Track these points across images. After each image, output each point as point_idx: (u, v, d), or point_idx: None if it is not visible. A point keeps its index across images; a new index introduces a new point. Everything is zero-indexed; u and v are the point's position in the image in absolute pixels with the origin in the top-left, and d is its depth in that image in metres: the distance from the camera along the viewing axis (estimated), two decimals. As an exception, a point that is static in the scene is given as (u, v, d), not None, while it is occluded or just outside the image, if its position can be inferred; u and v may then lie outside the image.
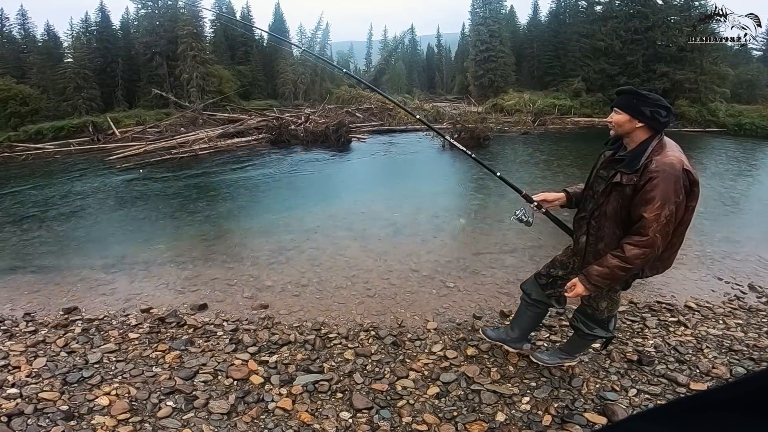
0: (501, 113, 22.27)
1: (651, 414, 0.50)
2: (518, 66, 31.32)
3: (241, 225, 7.27)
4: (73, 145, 20.40)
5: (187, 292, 4.53)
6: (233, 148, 16.47)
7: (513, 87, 28.18)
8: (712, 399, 0.42)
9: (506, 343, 2.98)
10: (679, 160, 2.00)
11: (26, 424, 2.48)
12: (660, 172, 1.96)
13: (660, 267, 2.24)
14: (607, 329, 2.55)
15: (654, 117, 2.05)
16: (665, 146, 2.07)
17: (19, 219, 8.48)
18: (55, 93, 26.75)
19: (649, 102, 2.05)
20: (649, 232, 1.97)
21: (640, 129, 2.09)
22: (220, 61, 30.50)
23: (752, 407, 0.37)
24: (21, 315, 4.08)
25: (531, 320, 2.86)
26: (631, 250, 2.02)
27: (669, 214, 1.96)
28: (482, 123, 15.99)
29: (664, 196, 1.94)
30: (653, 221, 1.96)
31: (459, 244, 5.72)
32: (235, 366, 3.04)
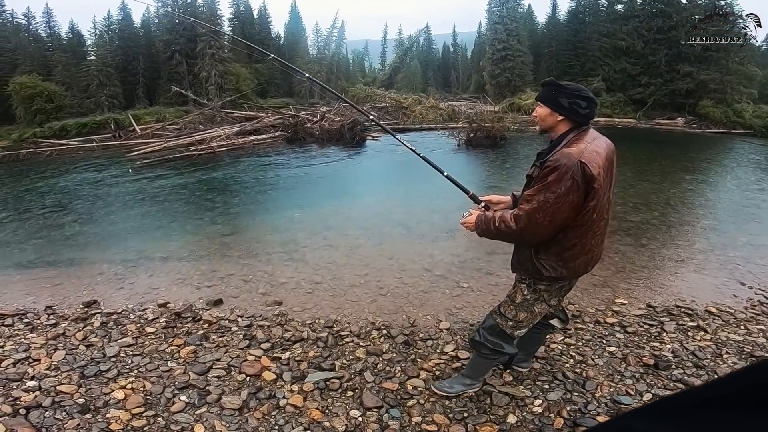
0: (518, 113, 22.03)
1: (643, 411, 0.48)
2: (536, 65, 30.95)
3: (256, 222, 7.35)
4: (95, 142, 20.92)
5: (203, 288, 4.60)
6: (250, 145, 16.66)
7: (530, 86, 27.84)
8: (704, 395, 0.42)
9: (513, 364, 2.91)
10: (579, 152, 1.86)
11: (43, 417, 2.53)
12: (553, 161, 1.88)
13: (563, 268, 2.06)
14: (513, 345, 2.34)
15: (573, 109, 1.96)
16: (581, 139, 1.95)
17: (43, 213, 8.74)
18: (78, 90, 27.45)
19: (567, 93, 1.96)
20: (521, 208, 1.94)
21: (561, 122, 2.01)
22: (237, 59, 30.87)
23: (745, 402, 0.37)
24: (43, 308, 4.19)
25: (534, 342, 2.78)
26: (505, 215, 2.00)
27: (543, 201, 1.87)
28: (499, 122, 15.81)
29: (545, 183, 1.87)
30: (524, 200, 1.94)
31: (473, 244, 5.67)
32: (248, 362, 3.06)
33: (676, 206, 7.59)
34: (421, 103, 22.75)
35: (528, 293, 2.21)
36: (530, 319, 2.26)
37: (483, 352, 2.38)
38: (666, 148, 15.67)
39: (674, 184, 9.31)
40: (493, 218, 2.05)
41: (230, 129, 19.08)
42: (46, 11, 31.78)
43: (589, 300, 4.04)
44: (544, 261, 2.07)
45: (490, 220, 2.06)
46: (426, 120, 19.80)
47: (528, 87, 27.67)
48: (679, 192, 8.63)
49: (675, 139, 18.41)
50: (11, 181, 13.12)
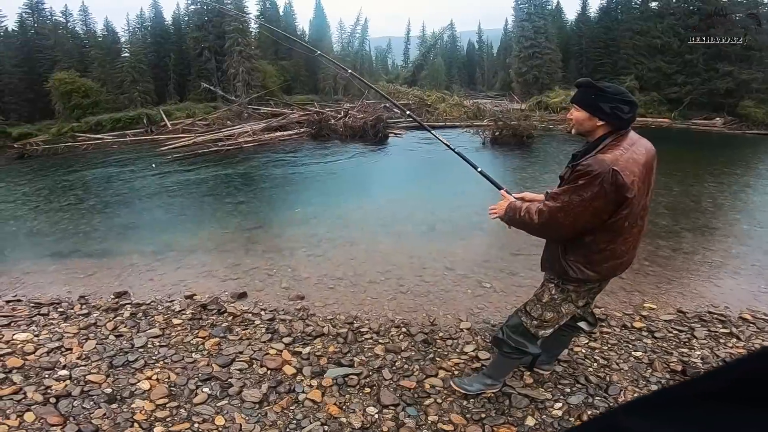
0: (546, 111, 21.56)
1: (635, 405, 0.47)
2: (565, 63, 30.28)
3: (281, 216, 7.47)
4: (128, 136, 21.66)
5: (229, 280, 4.70)
6: (276, 141, 16.91)
7: (559, 84, 27.22)
8: (695, 388, 0.41)
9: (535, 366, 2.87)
10: (614, 159, 1.80)
11: (72, 406, 2.60)
12: (585, 166, 1.83)
13: (590, 271, 2.01)
14: (537, 345, 2.31)
15: (615, 114, 1.88)
16: (619, 144, 1.89)
17: (79, 205, 9.13)
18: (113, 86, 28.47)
19: (608, 97, 1.88)
20: (546, 204, 1.93)
21: (601, 127, 1.94)
22: (264, 57, 31.33)
23: (738, 394, 0.36)
24: (76, 297, 4.35)
25: (559, 344, 2.72)
26: (531, 207, 2.00)
27: (567, 202, 1.85)
28: (525, 120, 15.50)
29: (573, 186, 1.85)
30: (551, 197, 1.93)
31: (497, 244, 5.59)
32: (270, 355, 3.11)
33: (712, 209, 7.28)
34: (445, 101, 22.56)
35: (556, 293, 2.18)
36: (556, 319, 2.22)
37: (505, 351, 2.35)
38: (702, 149, 15.05)
39: (710, 186, 8.93)
40: (520, 207, 2.07)
41: (257, 125, 19.40)
42: (82, 9, 32.95)
43: (617, 303, 3.92)
44: (571, 262, 2.04)
45: (518, 208, 2.08)
46: (450, 117, 19.62)
47: (557, 85, 27.08)
48: (715, 195, 8.27)
49: (713, 139, 17.66)
50: (51, 174, 13.75)
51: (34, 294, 4.51)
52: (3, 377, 2.85)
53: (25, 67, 29.02)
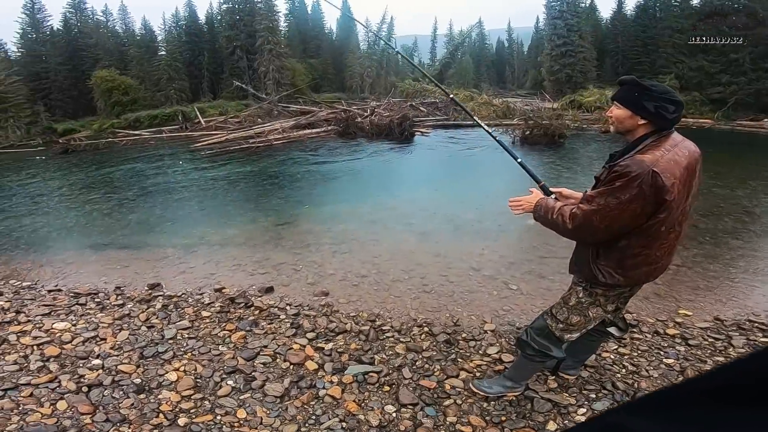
0: (579, 110, 20.95)
1: (634, 405, 0.47)
2: (600, 61, 29.37)
3: (308, 212, 7.57)
4: (165, 133, 22.46)
5: (257, 275, 4.80)
6: (304, 139, 17.15)
7: (593, 83, 26.40)
8: (695, 387, 0.41)
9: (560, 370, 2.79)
10: (654, 160, 1.72)
11: (102, 395, 2.67)
12: (622, 167, 1.76)
13: (621, 276, 1.94)
14: (561, 349, 2.25)
15: (659, 113, 1.79)
16: (660, 145, 1.80)
17: (118, 198, 9.54)
18: (150, 84, 29.52)
19: (653, 96, 1.79)
20: (580, 207, 1.86)
21: (642, 126, 1.85)
22: (293, 55, 31.77)
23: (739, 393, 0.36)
24: (113, 288, 4.53)
25: (586, 349, 2.64)
26: (564, 209, 1.92)
27: (603, 205, 1.78)
28: (558, 120, 15.10)
29: (610, 188, 1.78)
30: (586, 200, 1.87)
31: (525, 246, 5.48)
32: (293, 350, 3.15)
33: (755, 214, 6.89)
34: (473, 99, 22.26)
35: (583, 296, 2.11)
36: (583, 323, 2.15)
37: (528, 353, 2.30)
38: (748, 151, 14.27)
39: (754, 190, 8.45)
40: (553, 207, 1.98)
41: (286, 123, 19.72)
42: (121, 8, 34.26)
43: (650, 309, 3.78)
44: (602, 266, 1.97)
45: (551, 208, 1.99)
46: (479, 116, 19.36)
47: (591, 84, 26.28)
48: (760, 198, 7.83)
49: (759, 141, 16.71)
50: (92, 168, 14.41)
51: (74, 284, 4.75)
52: (41, 365, 2.99)
53: (69, 65, 30.48)
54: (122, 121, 25.62)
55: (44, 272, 5.30)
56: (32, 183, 12.75)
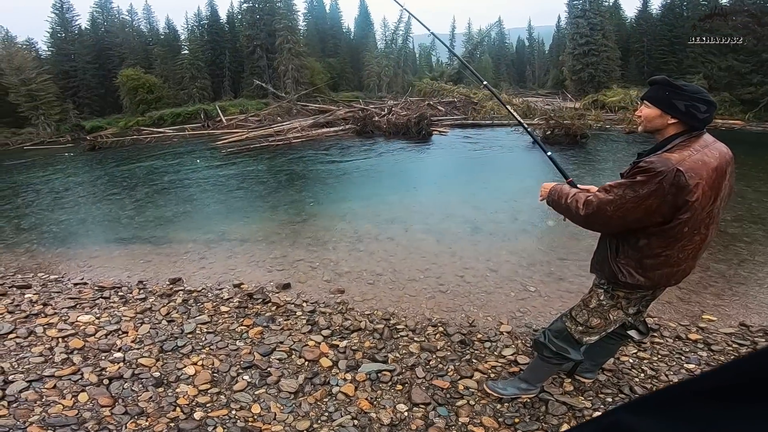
0: (602, 110, 20.52)
1: (635, 404, 0.49)
2: (624, 61, 28.74)
3: (325, 210, 7.62)
4: (187, 130, 22.93)
5: (275, 271, 4.87)
6: (322, 137, 17.28)
7: (617, 83, 25.83)
8: (694, 387, 0.42)
9: (576, 373, 2.74)
10: (680, 159, 1.69)
11: (122, 388, 2.72)
12: (647, 163, 1.73)
13: (641, 276, 1.90)
14: (579, 351, 2.22)
15: (690, 113, 1.74)
16: (690, 145, 1.75)
17: (142, 193, 9.79)
18: (174, 82, 30.18)
19: (684, 95, 1.74)
20: (596, 195, 1.84)
21: (672, 126, 1.81)
22: (312, 54, 32.01)
23: (739, 392, 0.37)
24: (135, 282, 4.65)
25: (605, 352, 2.58)
26: (580, 196, 1.91)
27: (620, 196, 1.75)
28: (579, 119, 14.82)
29: (630, 181, 1.75)
30: (603, 189, 1.84)
31: (544, 248, 5.40)
32: (309, 347, 3.17)
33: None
34: (493, 99, 22.03)
35: (604, 299, 2.07)
36: (603, 326, 2.11)
37: (545, 355, 2.27)
38: (779, 153, 13.72)
39: (787, 193, 8.12)
40: (568, 193, 1.97)
41: (305, 121, 19.90)
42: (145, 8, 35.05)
43: (672, 314, 3.68)
44: (622, 265, 1.93)
45: (564, 194, 1.98)
46: (498, 115, 19.14)
47: (615, 83, 25.72)
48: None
49: (791, 142, 16.06)
50: (118, 164, 14.83)
51: (99, 277, 4.89)
52: (65, 358, 3.07)
53: (96, 63, 31.40)
54: (147, 119, 26.28)
55: (71, 265, 5.47)
56: (61, 178, 13.20)
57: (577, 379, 2.68)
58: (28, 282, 4.74)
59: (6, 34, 28.52)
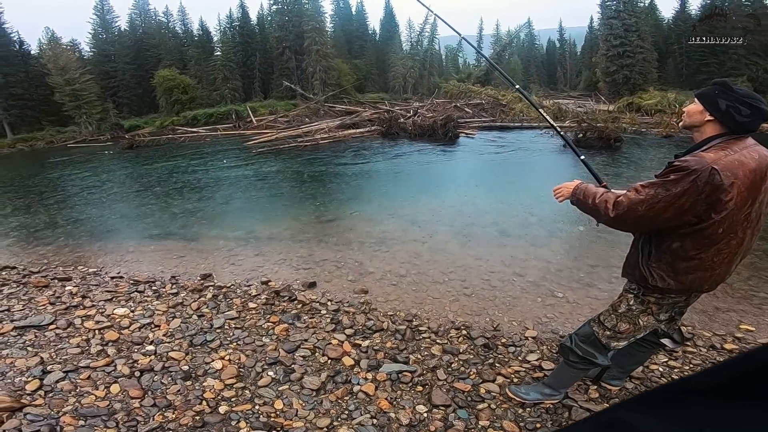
0: (637, 113, 19.84)
1: (635, 402, 0.49)
2: (661, 62, 27.73)
3: (351, 211, 7.69)
4: (219, 130, 23.59)
5: (301, 270, 4.95)
6: (349, 138, 17.44)
7: (654, 85, 24.94)
8: (694, 384, 0.42)
9: (603, 380, 2.66)
10: (716, 158, 1.63)
11: (152, 380, 2.79)
12: (681, 161, 1.68)
13: (672, 280, 1.84)
14: (606, 357, 2.16)
15: (728, 113, 1.68)
16: (728, 147, 1.68)
17: (176, 191, 10.14)
18: (207, 83, 31.05)
19: (731, 96, 1.69)
20: (626, 195, 1.79)
21: (710, 124, 1.76)
22: (339, 55, 32.31)
23: (735, 391, 0.37)
24: (168, 277, 4.82)
25: (634, 360, 2.49)
26: (608, 196, 1.86)
27: (651, 195, 1.71)
28: (613, 123, 14.37)
29: (663, 180, 1.70)
30: (634, 189, 1.78)
31: (574, 253, 5.27)
32: (332, 345, 3.21)
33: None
34: (522, 101, 21.66)
35: (634, 304, 2.02)
36: (632, 331, 2.06)
37: (571, 360, 2.23)
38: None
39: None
40: (595, 193, 1.92)
41: (332, 122, 20.12)
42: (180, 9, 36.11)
43: (707, 323, 3.52)
44: (653, 268, 1.88)
45: (592, 194, 1.93)
46: (527, 118, 18.82)
47: (651, 86, 24.83)
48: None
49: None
50: (154, 162, 15.41)
51: (134, 272, 5.09)
52: (100, 349, 3.19)
53: (135, 64, 32.65)
54: (181, 119, 27.15)
55: (108, 259, 5.73)
56: (100, 175, 13.83)
57: (603, 386, 2.61)
58: (69, 274, 4.99)
59: (52, 35, 30.07)
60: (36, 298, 4.18)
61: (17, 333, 3.44)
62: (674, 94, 21.25)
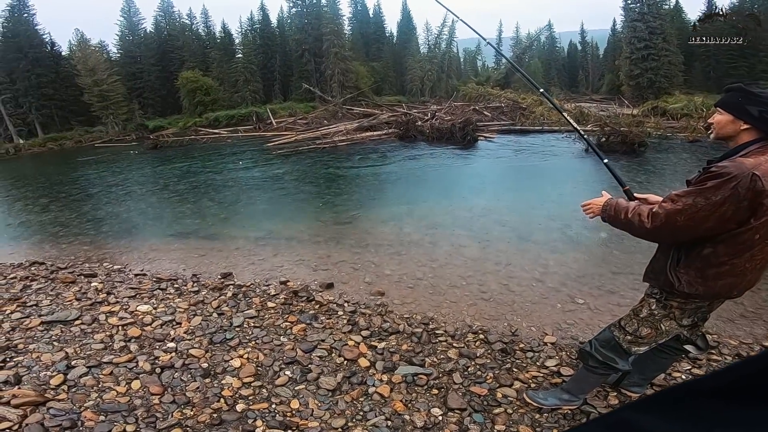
0: (662, 117, 19.34)
1: (642, 403, 0.48)
2: (687, 65, 27.00)
3: (368, 213, 7.72)
4: (240, 132, 23.97)
5: (319, 270, 4.99)
6: (366, 140, 17.50)
7: (680, 88, 24.32)
8: (701, 386, 0.42)
9: (623, 386, 2.60)
10: (756, 164, 1.58)
11: (172, 377, 2.82)
12: (719, 167, 1.62)
13: (701, 286, 1.79)
14: (627, 362, 2.12)
15: (763, 118, 1.63)
16: (767, 151, 1.62)
17: (198, 191, 10.35)
18: (228, 85, 31.57)
19: (759, 100, 1.64)
20: (662, 206, 1.73)
21: (745, 132, 1.70)
22: (356, 58, 32.44)
23: (740, 393, 0.37)
24: (190, 275, 4.91)
25: (656, 366, 2.43)
26: (642, 209, 1.79)
27: (690, 205, 1.65)
28: (637, 127, 14.03)
29: (700, 187, 1.64)
30: (669, 199, 1.73)
31: (596, 260, 5.17)
32: (348, 346, 3.22)
33: None
34: (542, 104, 21.38)
35: (656, 308, 1.98)
36: (653, 336, 2.02)
37: (590, 365, 2.19)
38: None
39: None
40: (627, 207, 1.86)
41: (350, 124, 20.23)
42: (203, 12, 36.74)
43: (733, 331, 3.41)
44: (681, 274, 1.83)
45: (623, 208, 1.88)
46: (548, 121, 18.56)
47: (677, 89, 24.21)
48: None
49: None
50: (177, 162, 15.77)
51: (157, 269, 5.21)
52: (123, 345, 3.25)
53: (159, 66, 33.41)
54: (203, 120, 27.69)
55: (132, 257, 5.88)
56: (125, 174, 14.21)
57: (623, 393, 2.56)
58: (95, 271, 5.13)
59: (81, 36, 31.04)
60: (63, 293, 4.31)
61: (44, 328, 3.54)
62: (701, 98, 20.63)
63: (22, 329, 3.51)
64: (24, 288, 4.53)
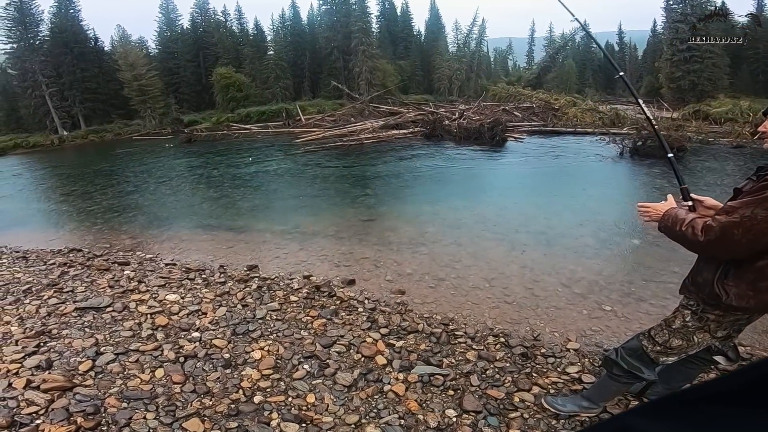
0: (705, 121, 18.47)
1: (645, 409, 0.48)
2: (733, 68, 25.67)
3: (392, 211, 7.71)
4: (270, 128, 24.44)
5: (341, 267, 5.03)
6: (392, 139, 17.48)
7: (725, 92, 23.15)
8: (705, 392, 0.42)
9: (647, 396, 2.49)
10: None
11: (194, 367, 2.85)
12: None
13: (753, 299, 1.68)
14: (653, 371, 2.03)
15: None
16: None
17: (229, 184, 10.62)
18: (260, 81, 32.17)
19: None
20: (716, 219, 1.62)
21: None
22: (384, 56, 32.41)
23: (750, 398, 0.37)
24: (217, 266, 5.03)
25: (683, 377, 2.32)
26: (696, 222, 1.68)
27: (748, 216, 1.53)
28: (677, 131, 13.45)
29: (758, 197, 1.54)
30: (724, 211, 1.62)
31: (626, 267, 4.98)
32: (366, 343, 3.21)
33: None
34: (576, 105, 20.80)
35: (690, 320, 1.89)
36: (684, 347, 1.93)
37: (615, 373, 2.12)
38: None
39: None
40: (683, 219, 1.76)
41: (376, 122, 20.25)
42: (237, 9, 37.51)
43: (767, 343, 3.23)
44: (729, 287, 1.72)
45: (680, 220, 1.77)
46: (581, 123, 18.04)
47: (722, 93, 23.04)
48: None
49: None
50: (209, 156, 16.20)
51: (187, 260, 5.36)
52: (150, 334, 3.32)
53: (195, 62, 34.41)
54: (235, 116, 28.33)
55: (164, 246, 6.08)
56: (160, 167, 14.74)
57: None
58: (128, 259, 5.33)
59: (123, 32, 32.35)
60: (97, 280, 4.48)
61: (78, 314, 3.66)
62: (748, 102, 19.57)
63: (57, 315, 3.65)
64: (62, 274, 4.72)
